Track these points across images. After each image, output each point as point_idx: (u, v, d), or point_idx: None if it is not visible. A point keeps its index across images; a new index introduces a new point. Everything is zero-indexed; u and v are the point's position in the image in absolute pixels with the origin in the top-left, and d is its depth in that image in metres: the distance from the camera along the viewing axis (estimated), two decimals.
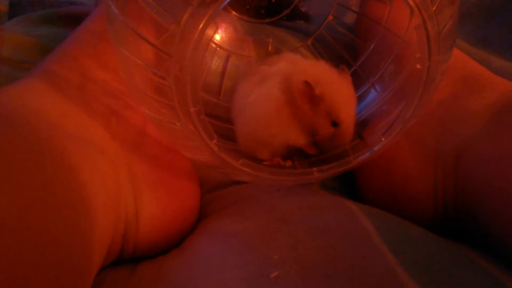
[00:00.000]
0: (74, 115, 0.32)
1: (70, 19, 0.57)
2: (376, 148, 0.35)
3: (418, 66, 0.31)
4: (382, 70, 0.41)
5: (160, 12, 0.28)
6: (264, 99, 0.34)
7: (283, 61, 0.36)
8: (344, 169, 0.36)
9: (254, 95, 0.35)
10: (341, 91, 0.34)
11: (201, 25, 0.27)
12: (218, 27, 0.47)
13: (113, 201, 0.30)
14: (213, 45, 0.46)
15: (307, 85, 0.32)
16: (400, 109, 0.34)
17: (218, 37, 0.47)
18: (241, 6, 0.48)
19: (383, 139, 0.35)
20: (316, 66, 0.36)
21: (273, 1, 0.48)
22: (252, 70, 0.39)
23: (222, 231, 0.32)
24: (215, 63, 0.46)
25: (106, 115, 0.34)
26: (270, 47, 0.48)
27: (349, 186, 0.44)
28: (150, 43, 0.28)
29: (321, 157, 0.39)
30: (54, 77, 0.34)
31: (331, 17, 0.48)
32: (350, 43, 0.48)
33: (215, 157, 0.32)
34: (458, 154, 0.36)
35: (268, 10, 0.48)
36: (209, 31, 0.27)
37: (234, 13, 0.48)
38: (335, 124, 0.34)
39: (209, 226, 0.35)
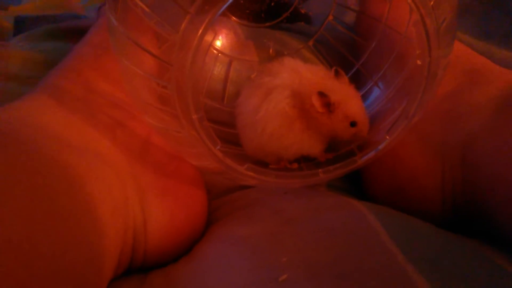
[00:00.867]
0: (78, 127, 0.32)
1: (73, 33, 0.58)
2: (381, 146, 0.35)
3: (418, 62, 0.31)
4: (384, 68, 0.41)
5: (159, 22, 0.28)
6: (274, 115, 0.35)
7: (286, 71, 0.36)
8: (350, 169, 0.36)
9: (263, 112, 0.35)
10: (348, 92, 0.36)
11: (199, 32, 0.27)
12: (218, 33, 0.47)
13: (120, 211, 0.31)
14: (214, 51, 0.46)
15: (322, 95, 0.33)
16: (403, 106, 0.34)
17: (219, 43, 0.47)
18: (241, 11, 0.48)
19: (387, 137, 0.34)
20: (318, 73, 0.36)
21: (273, 4, 0.48)
22: (255, 80, 0.38)
23: (230, 236, 0.32)
24: (217, 69, 0.47)
25: (111, 126, 0.34)
26: (271, 50, 0.48)
27: (356, 186, 0.44)
28: (150, 53, 0.28)
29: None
30: (58, 91, 0.34)
31: (331, 17, 0.48)
32: (351, 42, 0.48)
33: (220, 163, 0.32)
34: (465, 147, 0.35)
35: (268, 14, 0.49)
36: (208, 37, 0.27)
37: (234, 18, 0.48)
38: (354, 124, 0.35)
39: (217, 232, 0.35)
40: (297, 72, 0.36)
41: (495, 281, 0.25)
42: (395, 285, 0.24)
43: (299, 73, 0.36)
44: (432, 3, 0.29)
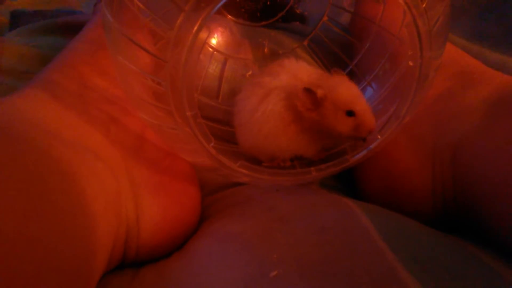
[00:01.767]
0: (72, 122, 0.32)
1: (69, 28, 0.58)
2: (372, 146, 0.35)
3: (410, 63, 0.32)
4: (377, 69, 0.41)
5: (154, 19, 0.28)
6: (270, 117, 0.35)
7: (285, 73, 0.36)
8: (342, 167, 0.36)
9: (260, 113, 0.35)
10: (342, 83, 0.34)
11: (194, 29, 0.27)
12: (214, 31, 0.47)
13: (113, 206, 0.31)
14: (210, 49, 0.47)
15: (307, 90, 0.33)
16: (395, 106, 0.34)
17: (214, 41, 0.47)
18: (236, 9, 0.48)
19: (379, 136, 0.35)
20: (313, 73, 0.36)
21: (268, 3, 0.49)
22: (256, 78, 0.38)
23: (222, 233, 0.33)
24: (212, 67, 0.47)
25: (105, 121, 0.35)
26: (266, 49, 0.49)
27: (348, 185, 0.45)
28: (145, 50, 0.28)
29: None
30: (53, 86, 0.34)
31: (326, 18, 0.48)
32: (345, 42, 0.48)
33: (213, 160, 0.33)
34: (456, 148, 0.36)
35: (263, 13, 0.49)
36: (203, 35, 0.27)
37: (230, 16, 0.48)
38: (351, 113, 0.33)
39: (210, 228, 0.35)
40: (295, 75, 0.36)
41: (485, 281, 0.26)
42: (384, 283, 0.24)
43: (296, 76, 0.36)
44: (424, 5, 0.29)
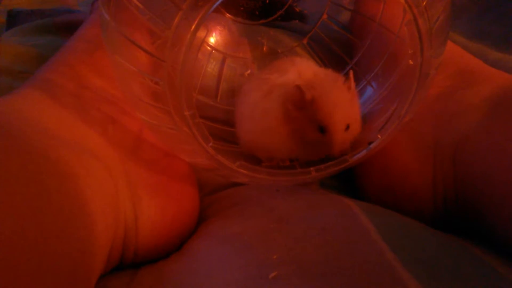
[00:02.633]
0: (70, 122, 0.32)
1: (67, 27, 0.58)
2: (372, 145, 0.35)
3: (411, 62, 0.31)
4: (378, 67, 0.41)
5: (152, 18, 0.28)
6: (268, 114, 0.35)
7: (292, 71, 0.36)
8: (342, 167, 0.36)
9: (260, 109, 0.35)
10: (335, 96, 0.33)
11: (192, 27, 0.27)
12: (212, 30, 0.47)
13: (111, 207, 0.30)
14: (208, 48, 0.46)
15: (298, 89, 0.32)
16: (395, 105, 0.34)
17: (213, 40, 0.47)
18: (235, 8, 0.48)
19: (379, 136, 0.35)
20: (320, 73, 0.36)
21: (267, 1, 0.48)
22: (264, 72, 0.38)
23: (221, 233, 0.32)
24: (211, 66, 0.47)
25: (103, 121, 0.34)
26: (265, 48, 0.48)
27: (348, 184, 0.44)
28: (142, 49, 0.28)
29: None
30: (50, 85, 0.34)
31: (325, 16, 0.48)
32: (345, 41, 0.48)
33: (212, 160, 0.32)
34: (456, 147, 0.35)
35: (262, 11, 0.49)
36: (201, 33, 0.27)
37: (229, 15, 0.48)
38: (322, 130, 0.33)
39: (208, 228, 0.35)
40: (300, 73, 0.35)
41: (485, 281, 0.25)
42: (384, 284, 0.24)
43: (302, 74, 0.35)
44: (425, 3, 0.29)
